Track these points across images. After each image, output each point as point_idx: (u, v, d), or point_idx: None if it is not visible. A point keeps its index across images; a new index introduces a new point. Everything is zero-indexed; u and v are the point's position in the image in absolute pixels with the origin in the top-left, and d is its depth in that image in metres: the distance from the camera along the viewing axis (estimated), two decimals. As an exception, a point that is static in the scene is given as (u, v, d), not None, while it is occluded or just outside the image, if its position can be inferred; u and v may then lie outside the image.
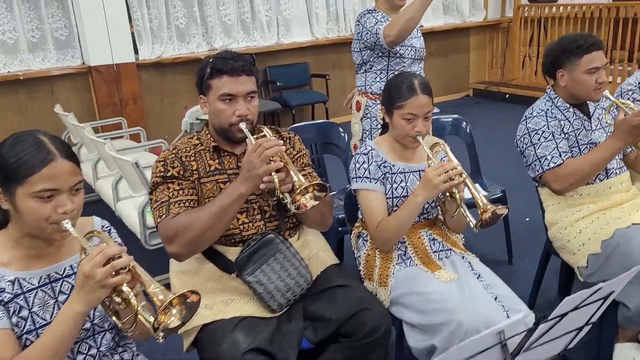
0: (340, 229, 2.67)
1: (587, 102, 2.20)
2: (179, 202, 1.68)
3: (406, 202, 1.86)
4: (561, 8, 6.54)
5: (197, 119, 4.11)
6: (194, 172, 1.75)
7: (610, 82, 5.22)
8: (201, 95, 1.79)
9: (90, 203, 4.11)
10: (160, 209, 1.67)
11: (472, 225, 1.74)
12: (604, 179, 2.17)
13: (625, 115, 2.07)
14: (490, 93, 7.00)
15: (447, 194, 1.80)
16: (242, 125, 1.70)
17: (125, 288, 1.18)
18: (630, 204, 2.17)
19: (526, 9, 6.78)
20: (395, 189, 1.96)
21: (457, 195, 1.76)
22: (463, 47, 7.18)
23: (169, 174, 1.71)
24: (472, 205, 1.74)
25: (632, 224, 2.07)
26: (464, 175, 1.75)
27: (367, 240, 2.05)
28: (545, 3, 6.60)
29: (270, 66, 5.92)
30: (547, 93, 2.25)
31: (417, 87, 1.86)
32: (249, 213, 1.78)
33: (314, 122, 4.05)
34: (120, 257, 1.19)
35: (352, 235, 2.16)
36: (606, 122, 2.19)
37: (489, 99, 7.01)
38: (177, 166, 1.73)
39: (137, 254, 1.28)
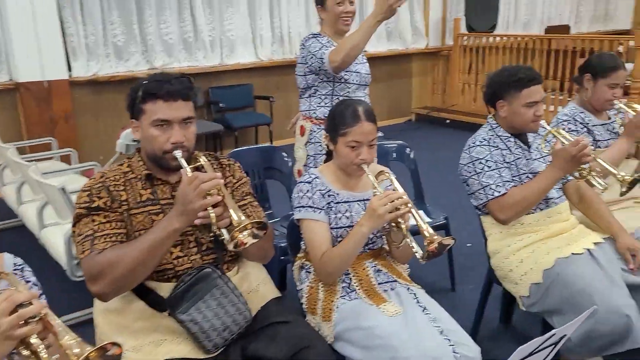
0: (282, 257, 2.57)
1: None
2: (105, 236, 1.54)
3: (351, 232, 1.80)
4: (497, 38, 6.79)
5: (133, 140, 3.93)
6: (123, 203, 1.61)
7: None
8: (132, 120, 1.66)
9: (12, 229, 3.84)
10: (84, 243, 1.52)
11: (418, 257, 1.69)
12: (544, 209, 2.19)
13: (562, 144, 2.11)
14: (432, 118, 7.15)
15: (393, 224, 1.75)
16: (177, 153, 1.59)
17: (34, 340, 1.06)
18: (569, 233, 2.20)
19: (465, 38, 7.00)
20: (340, 219, 1.89)
21: (403, 226, 1.72)
22: (405, 72, 7.31)
23: (94, 205, 1.57)
24: (416, 232, 1.70)
25: (572, 253, 2.09)
26: (409, 205, 1.70)
27: (311, 272, 1.96)
28: (482, 33, 6.85)
29: (213, 87, 5.79)
30: (488, 122, 2.27)
31: (362, 115, 1.82)
32: (184, 246, 1.66)
33: (256, 146, 3.96)
34: (30, 303, 1.06)
35: (294, 267, 2.07)
36: (544, 152, 2.23)
37: (430, 123, 7.15)
38: (104, 197, 1.59)
39: (62, 286, 1.15)
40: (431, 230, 1.64)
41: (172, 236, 1.52)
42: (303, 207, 1.87)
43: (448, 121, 6.96)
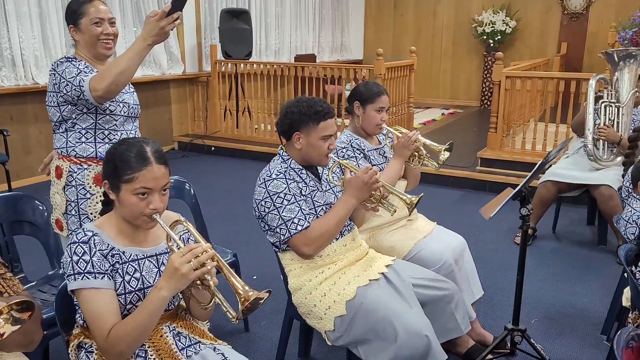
0: (46, 332, 2.06)
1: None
2: None
3: (147, 299, 1.48)
4: (255, 65, 6.94)
5: None
6: None
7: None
8: None
9: None
10: None
11: (230, 318, 1.47)
12: (339, 238, 2.18)
13: (351, 173, 2.13)
14: (196, 146, 6.92)
15: (198, 281, 1.49)
16: None
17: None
18: (364, 260, 2.23)
19: (222, 64, 6.98)
20: (129, 282, 1.56)
21: (211, 282, 1.48)
22: (164, 99, 6.96)
23: None
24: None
25: (369, 280, 2.11)
26: (216, 258, 1.47)
27: (94, 352, 1.57)
28: (239, 60, 6.91)
29: None
30: (279, 154, 2.18)
31: (151, 156, 1.53)
32: None
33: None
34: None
35: (70, 348, 1.64)
36: (333, 183, 2.22)
37: (195, 152, 6.92)
38: None
39: None
40: (246, 287, 1.43)
41: None
42: (79, 274, 1.48)
43: (213, 148, 6.82)
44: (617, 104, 3.74)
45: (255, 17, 7.91)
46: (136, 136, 2.36)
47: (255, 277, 3.40)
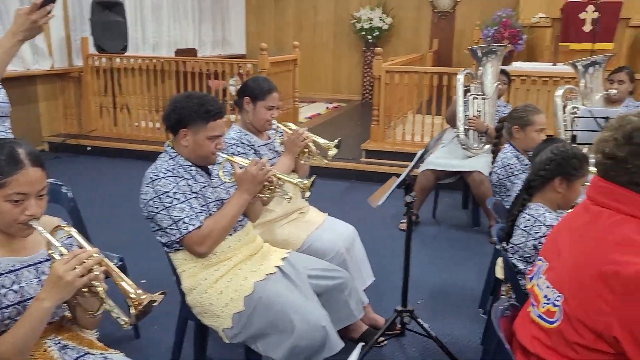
0: None
1: None
2: None
3: (27, 312, 1.37)
4: (131, 60, 6.61)
5: None
6: None
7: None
8: None
9: None
10: None
11: (122, 324, 1.40)
12: (233, 234, 2.16)
13: (241, 168, 2.12)
14: (70, 146, 6.44)
15: (85, 289, 1.40)
16: None
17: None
18: (260, 254, 2.23)
19: (95, 59, 6.57)
20: (5, 296, 1.43)
21: (100, 289, 1.39)
22: (30, 97, 6.39)
23: None
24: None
25: (266, 274, 2.12)
26: (104, 263, 1.40)
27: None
28: (114, 54, 6.55)
29: None
30: (167, 151, 2.10)
31: (24, 159, 1.40)
32: None
33: None
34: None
35: None
36: (224, 180, 2.19)
37: (69, 152, 6.43)
38: None
39: None
40: (138, 290, 1.37)
41: None
42: (-56, 291, 1.33)
43: (89, 148, 6.40)
44: (483, 97, 4.06)
45: (129, 9, 7.51)
46: (7, 137, 2.16)
47: (143, 280, 3.25)
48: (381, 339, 2.60)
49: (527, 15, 7.54)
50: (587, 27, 6.54)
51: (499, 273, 2.38)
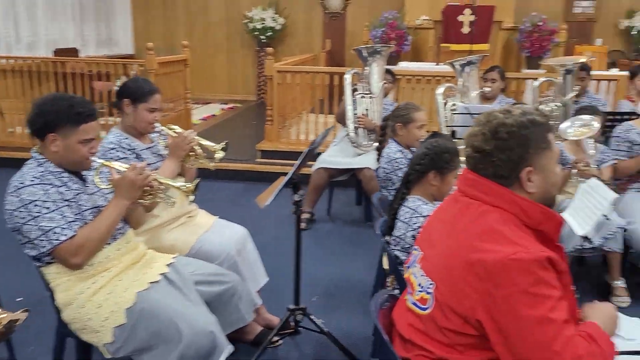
0: None
1: None
2: None
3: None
4: (4, 61, 6.09)
5: None
6: None
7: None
8: None
9: None
10: None
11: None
12: (112, 242, 2.05)
13: (119, 173, 2.02)
14: None
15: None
16: None
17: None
18: (142, 262, 2.13)
19: (-39, 59, 5.98)
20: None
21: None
22: None
23: None
24: None
25: (149, 283, 2.03)
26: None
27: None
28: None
29: None
30: (34, 157, 1.95)
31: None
32: None
33: None
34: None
35: None
36: (100, 186, 2.07)
37: None
38: None
39: None
40: (-3, 309, 1.26)
41: None
42: None
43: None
44: (370, 95, 4.19)
45: None
46: None
47: (20, 298, 3.01)
48: (275, 338, 2.59)
49: (411, 17, 7.90)
50: (466, 29, 6.99)
51: (386, 265, 2.46)
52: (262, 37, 9.71)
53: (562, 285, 1.28)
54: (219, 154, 2.63)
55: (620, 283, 3.16)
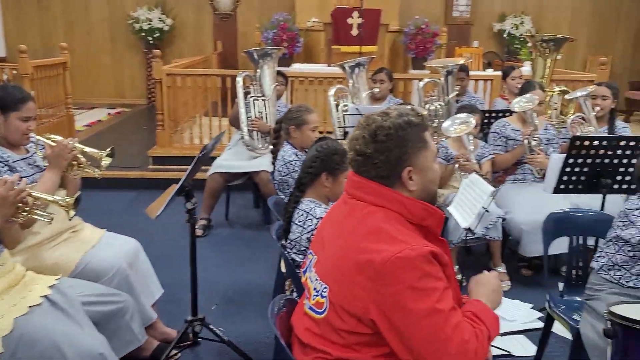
0: None
1: None
2: None
3: None
4: None
5: None
6: None
7: None
8: None
9: None
10: None
11: None
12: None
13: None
14: None
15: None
16: None
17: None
18: (21, 285, 1.97)
19: None
20: None
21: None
22: None
23: None
24: None
25: (29, 307, 1.88)
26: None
27: None
28: None
29: None
30: None
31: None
32: None
33: None
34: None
35: None
36: None
37: None
38: None
39: None
40: None
41: None
42: None
43: None
44: (263, 98, 4.19)
45: None
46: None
47: None
48: (174, 352, 2.51)
49: (302, 19, 7.98)
50: (355, 32, 7.17)
51: (284, 268, 2.47)
52: (149, 38, 9.35)
53: (446, 276, 1.35)
54: (105, 161, 2.49)
55: (501, 269, 3.42)
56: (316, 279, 1.48)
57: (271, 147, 4.18)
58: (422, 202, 1.42)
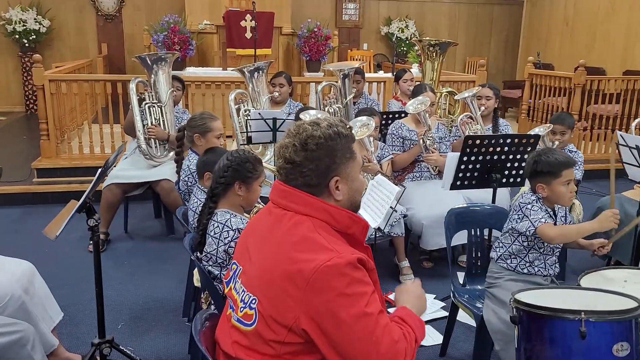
0: None
1: None
2: None
3: None
4: None
5: None
6: None
7: None
8: None
9: None
10: None
11: None
12: None
13: None
14: None
15: None
16: None
17: None
18: None
19: None
20: None
21: None
22: None
23: None
24: None
25: None
26: None
27: None
28: None
29: None
30: None
31: None
32: None
33: None
34: None
35: None
36: None
37: None
38: None
39: None
40: None
41: None
42: None
43: None
44: (159, 104, 4.04)
45: None
46: None
47: None
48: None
49: (193, 21, 7.78)
50: (249, 34, 7.12)
51: (197, 282, 2.40)
52: (24, 40, 8.64)
53: (372, 281, 1.39)
54: None
55: (405, 263, 3.58)
56: (243, 290, 1.46)
57: (172, 153, 4.06)
58: (348, 210, 1.46)
